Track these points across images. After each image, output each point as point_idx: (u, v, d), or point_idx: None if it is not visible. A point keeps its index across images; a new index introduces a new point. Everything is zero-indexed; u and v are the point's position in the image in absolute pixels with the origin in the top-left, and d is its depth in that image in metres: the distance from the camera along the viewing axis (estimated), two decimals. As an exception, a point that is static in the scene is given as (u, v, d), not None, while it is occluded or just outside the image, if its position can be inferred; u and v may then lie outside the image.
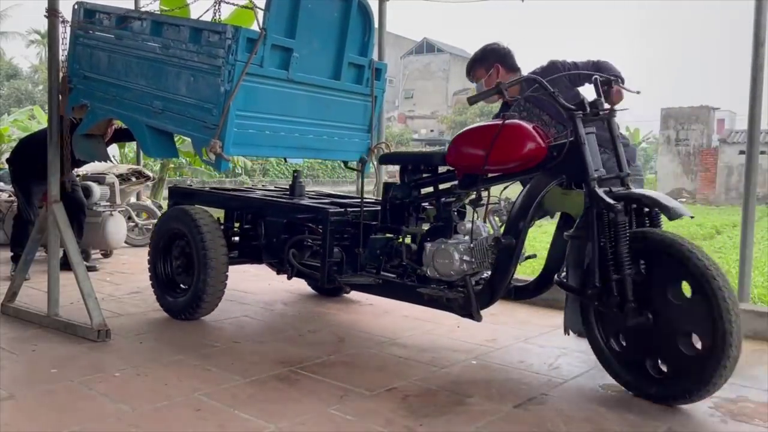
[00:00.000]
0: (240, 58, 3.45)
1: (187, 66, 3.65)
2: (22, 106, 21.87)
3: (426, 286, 3.14)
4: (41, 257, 4.51)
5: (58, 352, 3.24)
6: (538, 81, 2.87)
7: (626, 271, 2.57)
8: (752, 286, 4.34)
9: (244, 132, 3.64)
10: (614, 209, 2.59)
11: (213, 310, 3.91)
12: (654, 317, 2.58)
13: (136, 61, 3.90)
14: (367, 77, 4.31)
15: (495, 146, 2.85)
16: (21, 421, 2.39)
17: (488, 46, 3.66)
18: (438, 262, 3.09)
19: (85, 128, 4.25)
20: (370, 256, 3.45)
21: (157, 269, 4.11)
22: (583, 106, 2.80)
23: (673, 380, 2.60)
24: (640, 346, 2.68)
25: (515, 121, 2.92)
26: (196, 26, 3.67)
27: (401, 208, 3.47)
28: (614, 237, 2.61)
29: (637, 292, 2.59)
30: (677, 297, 2.58)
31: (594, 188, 2.68)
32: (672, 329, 2.57)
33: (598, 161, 2.79)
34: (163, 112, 3.75)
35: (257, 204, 4.13)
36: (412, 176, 3.47)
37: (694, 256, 2.47)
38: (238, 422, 2.41)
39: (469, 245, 3.03)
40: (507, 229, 2.90)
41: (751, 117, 3.91)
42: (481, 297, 2.95)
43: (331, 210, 3.57)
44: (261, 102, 3.69)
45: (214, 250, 3.78)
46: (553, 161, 2.82)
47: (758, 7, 3.87)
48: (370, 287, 3.45)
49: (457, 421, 2.45)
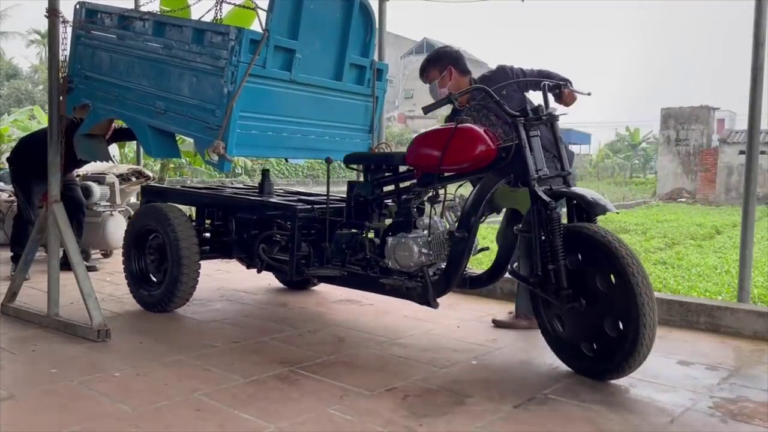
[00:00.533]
0: (243, 59, 3.46)
1: (189, 67, 3.66)
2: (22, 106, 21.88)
3: (388, 277, 3.38)
4: (41, 257, 4.51)
5: (58, 352, 3.24)
6: (486, 90, 3.12)
7: (560, 261, 2.85)
8: (752, 286, 4.35)
9: (246, 133, 3.65)
10: (549, 206, 2.87)
11: (186, 302, 4.09)
12: (586, 303, 2.86)
13: (138, 61, 3.91)
14: (369, 78, 4.32)
15: (449, 148, 3.11)
16: (21, 421, 2.39)
17: (441, 49, 3.88)
18: (399, 254, 3.34)
19: (87, 128, 4.25)
20: (335, 250, 3.63)
21: (131, 265, 4.28)
22: (526, 112, 3.03)
23: (601, 359, 2.88)
24: (575, 327, 2.98)
25: (467, 125, 3.15)
26: (199, 27, 3.67)
27: (365, 205, 3.68)
28: (550, 231, 2.87)
29: (573, 280, 2.86)
30: (604, 285, 2.82)
31: (534, 187, 2.94)
32: (600, 314, 2.85)
33: (540, 162, 3.03)
34: (165, 112, 3.75)
35: (229, 202, 4.26)
36: (375, 175, 3.69)
37: (616, 248, 2.74)
38: (238, 422, 2.41)
39: (427, 239, 3.28)
40: (460, 223, 3.14)
41: (751, 117, 3.91)
42: (437, 286, 3.20)
43: (300, 207, 3.74)
44: (264, 103, 3.71)
45: (187, 246, 3.94)
46: (502, 162, 3.05)
47: (758, 7, 3.87)
48: (336, 279, 3.67)
49: (457, 421, 2.45)
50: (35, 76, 36.93)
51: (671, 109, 22.56)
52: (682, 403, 2.67)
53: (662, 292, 4.60)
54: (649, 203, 19.30)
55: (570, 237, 2.88)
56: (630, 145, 40.75)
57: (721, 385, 2.92)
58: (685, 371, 3.10)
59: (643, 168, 40.16)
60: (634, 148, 40.36)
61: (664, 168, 22.71)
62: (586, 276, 2.86)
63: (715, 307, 3.85)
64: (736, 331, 3.73)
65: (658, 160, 24.24)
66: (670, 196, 21.46)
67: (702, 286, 5.37)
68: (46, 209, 3.79)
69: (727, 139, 21.14)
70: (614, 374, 2.86)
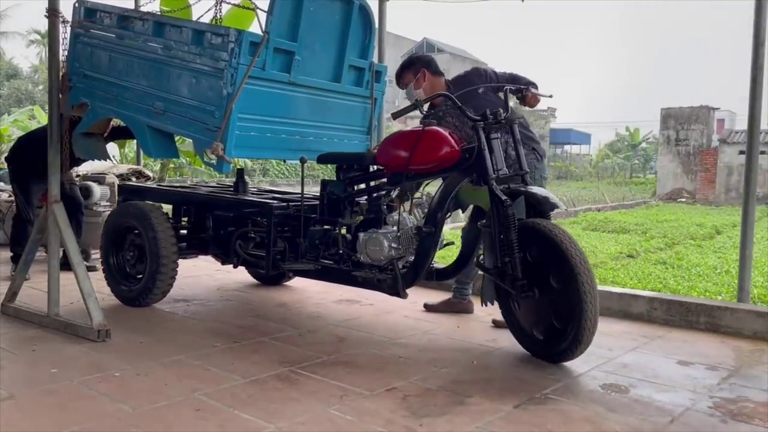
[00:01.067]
0: (243, 61, 3.46)
1: (188, 68, 3.66)
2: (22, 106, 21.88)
3: (360, 270, 3.57)
4: (41, 257, 4.51)
5: (58, 352, 3.25)
6: (450, 97, 3.36)
7: (515, 254, 3.07)
8: (752, 286, 4.35)
9: (245, 134, 3.66)
10: (504, 203, 3.09)
11: (164, 297, 4.20)
12: (539, 293, 3.08)
13: (138, 61, 3.90)
14: (368, 79, 4.32)
15: (416, 149, 3.31)
16: (21, 421, 2.39)
17: (413, 56, 4.10)
18: (370, 249, 3.53)
19: (85, 127, 4.24)
20: (310, 246, 3.80)
21: (110, 261, 4.39)
22: (486, 117, 3.24)
23: (551, 344, 3.14)
24: (530, 314, 3.23)
25: (433, 128, 3.37)
26: (199, 28, 3.67)
27: (337, 202, 3.83)
28: (506, 226, 3.09)
29: (530, 271, 3.09)
30: (554, 277, 3.05)
31: (492, 186, 3.16)
32: (550, 303, 3.09)
33: (500, 162, 3.26)
34: (164, 113, 3.75)
35: (207, 200, 4.34)
36: (347, 174, 3.84)
37: (561, 241, 2.99)
38: (238, 422, 2.41)
39: (396, 234, 3.49)
40: (427, 219, 3.36)
41: (751, 117, 3.91)
42: (406, 278, 3.40)
43: (275, 205, 3.85)
44: (262, 105, 3.71)
45: (165, 243, 4.04)
46: (466, 162, 3.27)
47: (758, 7, 3.87)
48: (310, 272, 3.83)
49: (457, 421, 2.46)
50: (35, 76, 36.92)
51: (671, 109, 22.52)
52: (682, 403, 2.67)
53: (662, 292, 4.60)
54: (649, 203, 19.28)
55: (523, 232, 3.11)
56: (630, 145, 40.74)
57: (721, 385, 2.92)
58: (685, 371, 3.10)
59: (643, 168, 40.16)
60: (634, 148, 40.34)
61: (664, 168, 22.69)
62: (538, 268, 3.10)
63: (715, 307, 3.85)
64: (736, 331, 3.73)
65: (658, 160, 24.21)
66: (670, 196, 21.44)
67: (702, 286, 5.37)
68: (46, 209, 3.79)
69: (727, 139, 21.12)
70: (563, 358, 3.12)
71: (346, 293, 4.57)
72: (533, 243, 3.11)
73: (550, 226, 3.10)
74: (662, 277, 5.83)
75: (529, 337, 3.26)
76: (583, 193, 23.17)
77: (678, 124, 22.22)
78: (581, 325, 2.96)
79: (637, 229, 10.60)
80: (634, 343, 3.57)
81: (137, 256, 4.27)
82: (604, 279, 5.69)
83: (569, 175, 36.53)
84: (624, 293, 4.23)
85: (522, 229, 3.11)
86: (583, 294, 2.93)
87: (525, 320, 3.27)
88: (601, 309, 4.13)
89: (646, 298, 4.09)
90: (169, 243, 4.06)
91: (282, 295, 4.72)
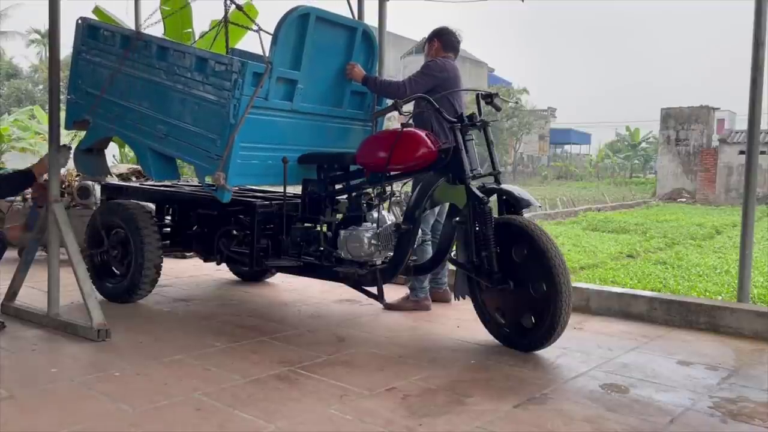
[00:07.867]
0: (246, 92, 3.45)
1: (191, 94, 3.65)
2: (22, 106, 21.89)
3: (341, 266, 3.70)
4: (41, 257, 4.51)
5: (58, 351, 3.25)
6: (427, 99, 3.53)
7: (492, 248, 3.22)
8: (752, 286, 4.35)
9: (247, 162, 3.66)
10: (482, 201, 3.25)
11: (149, 293, 4.27)
12: (514, 284, 3.23)
13: (141, 82, 3.88)
14: (369, 103, 4.31)
15: (395, 150, 3.44)
16: (21, 421, 2.39)
17: (441, 27, 4.30)
18: (350, 245, 3.67)
19: (87, 144, 4.25)
20: (292, 243, 3.90)
21: (95, 259, 4.42)
22: (462, 119, 3.41)
23: (526, 333, 3.28)
24: (505, 306, 3.37)
25: (411, 129, 3.52)
26: (202, 55, 3.65)
27: (319, 201, 3.93)
28: (483, 222, 3.25)
29: (505, 264, 3.23)
30: (530, 269, 3.19)
31: (468, 185, 3.31)
32: (525, 294, 3.22)
33: (475, 162, 3.41)
34: (166, 137, 3.76)
35: (191, 198, 4.39)
36: (328, 174, 3.94)
37: (538, 236, 3.13)
38: (238, 422, 2.41)
39: (375, 231, 3.63)
40: (406, 217, 3.52)
41: (751, 117, 3.91)
42: (385, 273, 3.56)
43: (259, 203, 3.93)
44: (265, 133, 3.72)
45: (149, 241, 4.11)
46: (442, 162, 3.42)
47: (758, 7, 3.87)
48: (293, 269, 3.95)
49: (457, 421, 2.46)
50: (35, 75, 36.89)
51: (671, 109, 22.51)
52: (682, 403, 2.67)
53: (662, 292, 4.60)
54: (649, 203, 19.29)
55: (500, 228, 3.26)
56: (630, 145, 40.71)
57: (721, 385, 2.92)
58: (685, 371, 3.10)
59: (643, 168, 40.13)
60: (634, 148, 40.31)
61: (664, 168, 22.67)
62: (514, 261, 3.25)
63: (715, 307, 3.85)
64: (736, 331, 3.73)
65: (658, 160, 24.19)
66: (670, 196, 21.43)
67: (702, 286, 5.37)
68: (47, 209, 3.78)
69: (727, 139, 21.12)
70: (533, 349, 3.27)
71: (345, 293, 4.57)
72: (509, 237, 3.25)
73: (525, 221, 3.26)
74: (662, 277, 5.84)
75: (503, 327, 3.40)
76: (583, 193, 23.18)
77: (678, 124, 22.21)
78: (556, 314, 3.10)
79: (637, 229, 10.61)
80: (634, 343, 3.57)
81: (122, 253, 4.32)
82: (604, 279, 5.70)
83: (569, 175, 36.51)
84: (624, 293, 4.23)
85: (498, 225, 3.26)
86: (559, 285, 3.07)
87: (499, 312, 3.40)
88: (601, 309, 4.18)
89: (646, 298, 4.09)
90: (153, 241, 4.13)
91: (282, 295, 4.72)
